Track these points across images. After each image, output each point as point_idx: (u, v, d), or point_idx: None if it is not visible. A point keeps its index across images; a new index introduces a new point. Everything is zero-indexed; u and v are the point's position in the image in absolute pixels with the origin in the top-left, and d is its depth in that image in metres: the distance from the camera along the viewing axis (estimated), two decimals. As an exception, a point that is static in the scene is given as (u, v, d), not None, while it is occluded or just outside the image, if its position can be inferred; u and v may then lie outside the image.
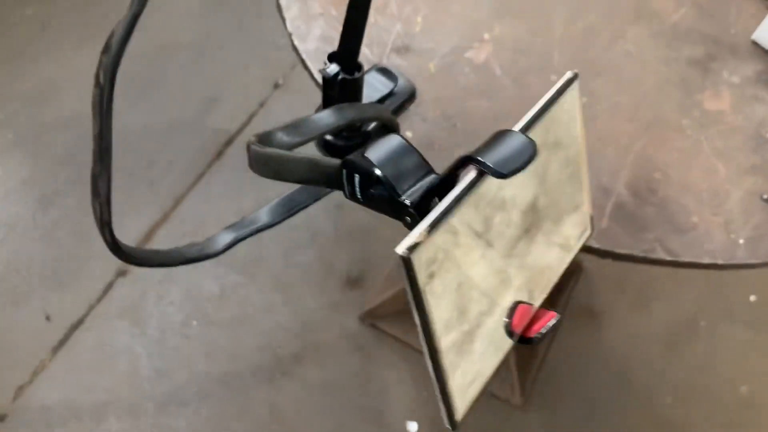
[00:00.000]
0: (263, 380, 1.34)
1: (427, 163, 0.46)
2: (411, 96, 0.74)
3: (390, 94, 0.72)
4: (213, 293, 1.41)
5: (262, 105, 1.64)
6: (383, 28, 0.77)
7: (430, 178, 0.45)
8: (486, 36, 0.80)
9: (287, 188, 1.78)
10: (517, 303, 0.48)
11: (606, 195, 0.69)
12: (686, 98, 0.77)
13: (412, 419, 1.32)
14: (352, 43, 0.63)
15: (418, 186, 0.45)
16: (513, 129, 0.42)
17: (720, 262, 0.67)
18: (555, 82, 0.77)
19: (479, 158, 0.38)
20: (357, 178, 0.47)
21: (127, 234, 1.47)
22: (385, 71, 0.73)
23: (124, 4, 0.43)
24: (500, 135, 0.39)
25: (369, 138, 0.70)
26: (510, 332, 0.49)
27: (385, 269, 1.45)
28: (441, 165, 0.70)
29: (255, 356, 1.36)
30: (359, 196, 0.48)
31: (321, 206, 0.58)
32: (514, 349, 1.47)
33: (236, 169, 1.55)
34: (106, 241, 0.54)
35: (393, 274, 1.42)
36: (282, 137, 0.58)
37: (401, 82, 0.73)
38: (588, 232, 0.63)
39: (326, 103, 0.68)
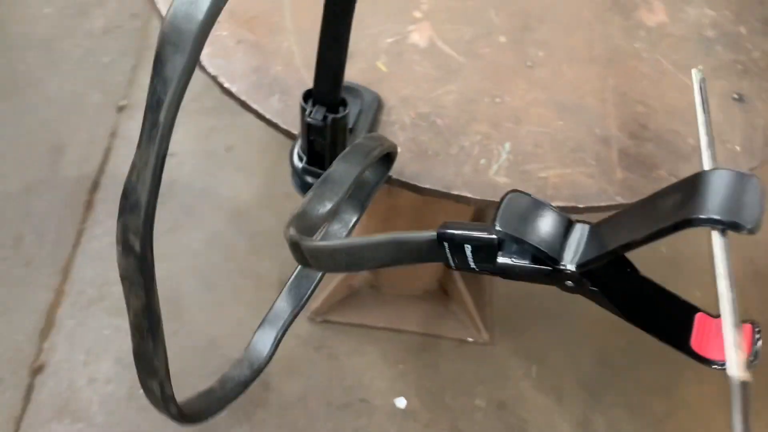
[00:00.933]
0: (240, 419, 1.25)
1: (560, 212, 0.40)
2: (379, 106, 0.67)
3: (361, 112, 0.65)
4: (148, 353, 1.28)
5: (113, 134, 1.47)
6: (309, 40, 0.68)
7: (579, 230, 0.39)
8: (417, 14, 0.74)
9: (181, 222, 1.62)
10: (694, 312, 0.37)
11: (607, 145, 0.67)
12: (627, 20, 0.76)
13: (398, 396, 1.30)
14: (333, 76, 0.55)
15: (570, 243, 0.39)
16: (707, 168, 0.36)
17: (730, 175, 0.68)
18: (504, 45, 0.73)
19: (712, 216, 0.32)
20: (469, 248, 0.41)
21: (23, 330, 1.28)
22: (347, 89, 0.65)
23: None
24: (702, 179, 0.32)
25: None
26: (694, 355, 0.36)
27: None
28: (445, 170, 0.65)
29: (220, 399, 1.27)
30: (474, 267, 0.42)
31: (222, 217, 0.48)
32: (468, 290, 1.46)
33: (113, 215, 1.38)
34: (171, 416, 0.45)
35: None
36: (316, 212, 0.50)
37: (365, 94, 0.66)
38: None
39: (310, 148, 0.60)
